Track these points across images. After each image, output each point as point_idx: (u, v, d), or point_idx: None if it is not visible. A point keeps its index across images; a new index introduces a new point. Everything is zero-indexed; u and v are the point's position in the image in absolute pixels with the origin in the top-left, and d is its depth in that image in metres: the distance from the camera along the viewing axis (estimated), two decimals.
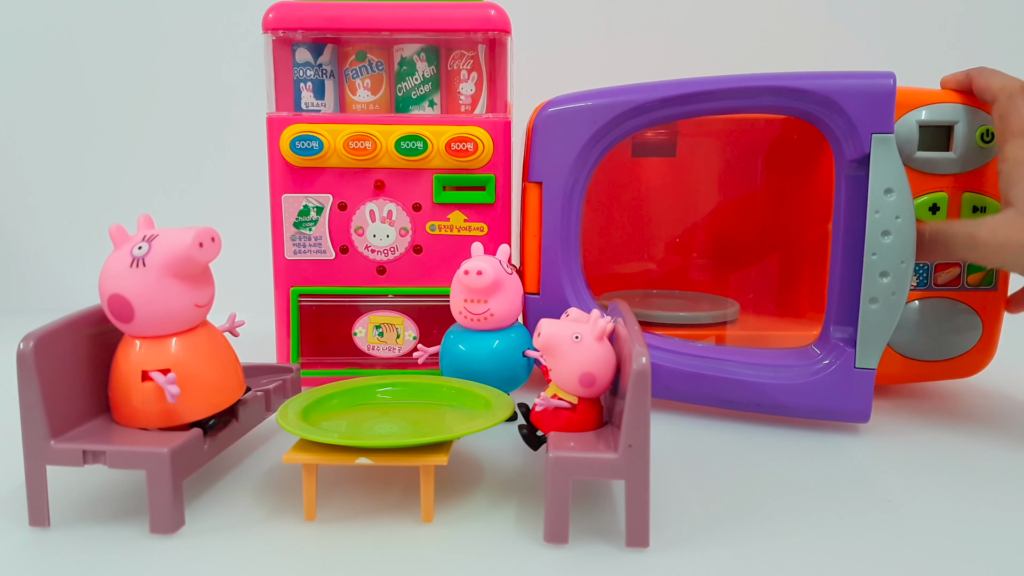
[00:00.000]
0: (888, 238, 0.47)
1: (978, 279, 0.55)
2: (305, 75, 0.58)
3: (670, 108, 0.53)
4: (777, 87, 0.50)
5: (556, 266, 0.57)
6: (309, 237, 0.59)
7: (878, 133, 0.47)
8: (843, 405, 0.50)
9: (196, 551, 0.35)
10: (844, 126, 0.49)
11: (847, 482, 0.44)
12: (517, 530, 0.37)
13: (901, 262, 0.47)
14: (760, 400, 0.52)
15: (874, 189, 0.47)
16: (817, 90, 0.49)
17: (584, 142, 0.54)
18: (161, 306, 0.38)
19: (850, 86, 0.48)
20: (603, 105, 0.54)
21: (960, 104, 0.52)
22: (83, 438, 0.37)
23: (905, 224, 0.47)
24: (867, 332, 0.49)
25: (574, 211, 0.56)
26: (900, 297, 0.48)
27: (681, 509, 0.40)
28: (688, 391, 0.54)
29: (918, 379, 0.57)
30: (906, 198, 0.47)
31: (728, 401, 0.53)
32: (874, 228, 0.47)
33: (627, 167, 0.72)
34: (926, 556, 0.35)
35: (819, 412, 0.51)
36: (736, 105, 0.52)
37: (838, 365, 0.50)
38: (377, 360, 0.61)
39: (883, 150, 0.47)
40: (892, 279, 0.48)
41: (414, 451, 0.37)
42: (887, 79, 0.48)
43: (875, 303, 0.48)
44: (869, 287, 0.48)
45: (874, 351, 0.49)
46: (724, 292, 0.72)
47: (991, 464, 0.47)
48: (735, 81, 0.51)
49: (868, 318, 0.48)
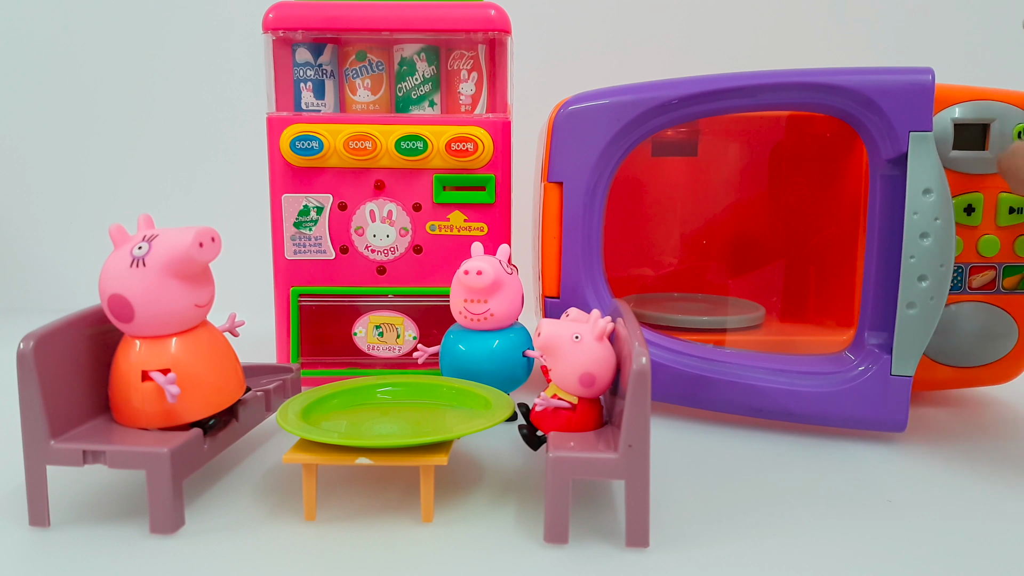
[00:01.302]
0: (927, 240, 0.46)
1: (1014, 283, 0.53)
2: (305, 75, 0.58)
3: (697, 105, 0.52)
4: (811, 83, 0.48)
5: (577, 269, 0.55)
6: (309, 237, 0.59)
7: (916, 131, 0.46)
8: (878, 414, 0.49)
9: (196, 551, 0.35)
10: (881, 124, 0.47)
11: (847, 483, 0.44)
12: (517, 530, 0.37)
13: (940, 265, 0.46)
14: (792, 408, 0.50)
15: (912, 190, 0.46)
16: (853, 87, 0.47)
17: (607, 140, 0.53)
18: (161, 306, 0.38)
19: (887, 82, 0.46)
20: (628, 102, 0.52)
21: (997, 101, 0.50)
22: (83, 438, 0.37)
23: (944, 226, 0.46)
24: (904, 338, 0.47)
25: (596, 212, 0.55)
26: (939, 302, 0.46)
27: (681, 509, 0.40)
28: (715, 399, 0.52)
29: (949, 386, 0.56)
30: (945, 199, 0.46)
31: (757, 409, 0.51)
32: (912, 230, 0.46)
33: (647, 166, 0.70)
34: (927, 557, 0.35)
35: (853, 421, 0.49)
36: (766, 102, 0.51)
37: (874, 372, 0.48)
38: (377, 360, 0.61)
39: (921, 149, 0.46)
40: (931, 283, 0.46)
41: (414, 451, 0.37)
42: (925, 75, 0.46)
43: (913, 308, 0.46)
44: (907, 291, 0.46)
45: (911, 358, 0.47)
46: (747, 295, 0.69)
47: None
48: (767, 77, 0.50)
49: (905, 323, 0.47)
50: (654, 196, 0.72)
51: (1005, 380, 0.55)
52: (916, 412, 0.56)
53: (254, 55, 0.60)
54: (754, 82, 0.50)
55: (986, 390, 0.61)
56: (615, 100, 0.53)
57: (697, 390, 0.53)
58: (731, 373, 0.52)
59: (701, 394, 0.53)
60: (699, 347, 0.55)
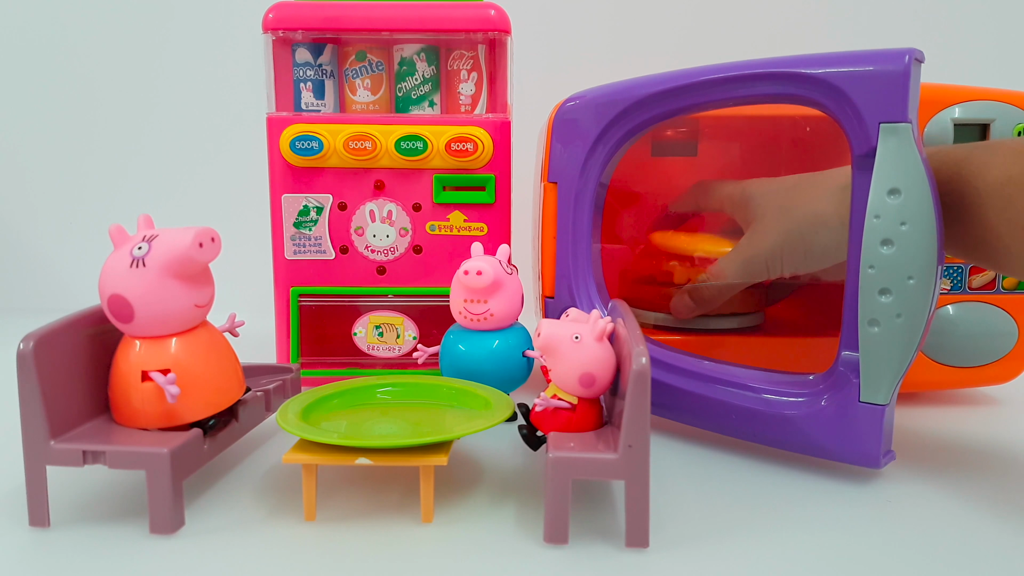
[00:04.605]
0: (889, 248, 0.39)
1: (1014, 283, 0.52)
2: (305, 75, 0.58)
3: (670, 102, 0.49)
4: (779, 73, 0.44)
5: (568, 269, 0.55)
6: (309, 237, 0.59)
7: (887, 123, 0.39)
8: (844, 445, 0.43)
9: (196, 551, 0.35)
10: (851, 115, 0.41)
11: (847, 483, 0.44)
12: (517, 530, 0.37)
13: (908, 278, 0.39)
14: (755, 430, 0.47)
15: (876, 189, 0.39)
16: (820, 74, 0.42)
17: (593, 140, 0.52)
18: (161, 306, 0.38)
19: (854, 68, 0.41)
20: (608, 101, 0.52)
21: (997, 101, 0.49)
22: (83, 438, 0.37)
23: (914, 232, 0.39)
24: (870, 360, 0.41)
25: (585, 212, 0.54)
26: (911, 320, 0.39)
27: (681, 509, 0.40)
28: (680, 410, 0.50)
29: (949, 386, 0.56)
30: (918, 201, 0.39)
31: (720, 426, 0.48)
32: (872, 236, 0.39)
33: (647, 166, 0.70)
34: (927, 558, 0.35)
35: (818, 450, 0.44)
36: (736, 95, 0.47)
37: (839, 397, 0.42)
38: (377, 360, 0.61)
39: (893, 143, 0.39)
40: (895, 298, 0.39)
41: (414, 451, 0.37)
42: (900, 57, 0.39)
43: (875, 326, 0.40)
44: (867, 307, 0.40)
45: (882, 384, 0.41)
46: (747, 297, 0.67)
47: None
48: (730, 69, 0.46)
49: (869, 344, 0.40)
50: (654, 196, 0.72)
51: (1005, 380, 0.55)
52: (916, 412, 0.56)
53: (254, 55, 0.60)
54: (717, 75, 0.46)
55: (986, 390, 0.61)
56: (598, 99, 0.52)
57: (664, 399, 0.50)
58: (699, 385, 0.49)
59: (669, 404, 0.50)
60: (671, 354, 0.53)
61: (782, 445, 0.46)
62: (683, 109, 0.50)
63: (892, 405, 0.42)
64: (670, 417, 0.51)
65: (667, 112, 0.50)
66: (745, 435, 0.48)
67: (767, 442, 0.47)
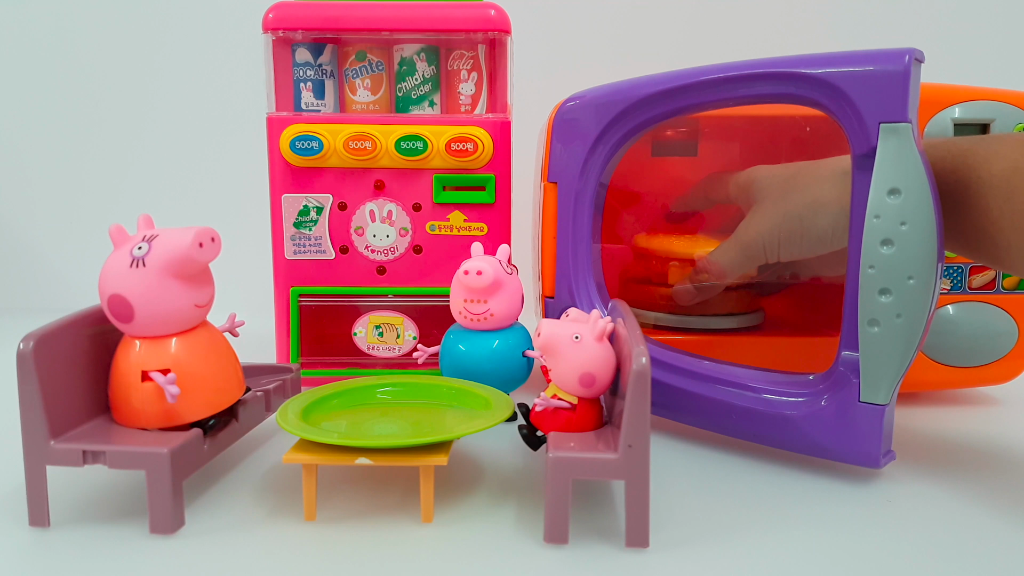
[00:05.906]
0: (889, 248, 0.39)
1: (1015, 283, 0.52)
2: (305, 75, 0.58)
3: (670, 102, 0.49)
4: (778, 73, 0.44)
5: (568, 269, 0.55)
6: (309, 237, 0.59)
7: (888, 122, 0.40)
8: (845, 444, 0.43)
9: (196, 551, 0.35)
10: (851, 115, 0.42)
11: (848, 483, 0.44)
12: (517, 530, 0.37)
13: (908, 278, 0.39)
14: (755, 430, 0.47)
15: (876, 188, 0.40)
16: (819, 74, 0.42)
17: (593, 140, 0.53)
18: (161, 306, 0.38)
19: (854, 68, 0.41)
20: (607, 101, 0.52)
21: (997, 101, 0.49)
22: (83, 438, 0.37)
23: (915, 232, 0.39)
24: (870, 360, 0.41)
25: (585, 212, 0.54)
26: (911, 320, 0.40)
27: (681, 509, 0.40)
28: (682, 411, 0.50)
29: (949, 386, 0.56)
30: (918, 201, 0.39)
31: (722, 427, 0.48)
32: (872, 236, 0.40)
33: (647, 166, 0.70)
34: (927, 557, 0.35)
35: (819, 450, 0.44)
36: (736, 95, 0.47)
37: (839, 397, 0.43)
38: (377, 360, 0.61)
39: (893, 143, 0.39)
40: (895, 299, 0.40)
41: (414, 451, 0.37)
42: (900, 57, 0.40)
43: (875, 326, 0.40)
44: (867, 307, 0.40)
45: (882, 383, 0.41)
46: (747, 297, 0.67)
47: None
48: (730, 69, 0.46)
49: (869, 344, 0.41)
50: (654, 196, 0.72)
51: (1005, 380, 0.55)
52: (916, 412, 0.56)
53: (254, 55, 0.60)
54: (721, 74, 0.47)
55: (986, 390, 0.61)
56: (598, 99, 0.52)
57: (664, 399, 0.50)
58: (699, 385, 0.49)
59: (669, 404, 0.50)
60: (671, 354, 0.53)
61: (782, 445, 0.46)
62: (683, 109, 0.50)
63: (892, 405, 0.42)
64: (670, 417, 0.51)
65: (667, 112, 0.50)
66: (745, 435, 0.48)
67: (767, 442, 0.47)
